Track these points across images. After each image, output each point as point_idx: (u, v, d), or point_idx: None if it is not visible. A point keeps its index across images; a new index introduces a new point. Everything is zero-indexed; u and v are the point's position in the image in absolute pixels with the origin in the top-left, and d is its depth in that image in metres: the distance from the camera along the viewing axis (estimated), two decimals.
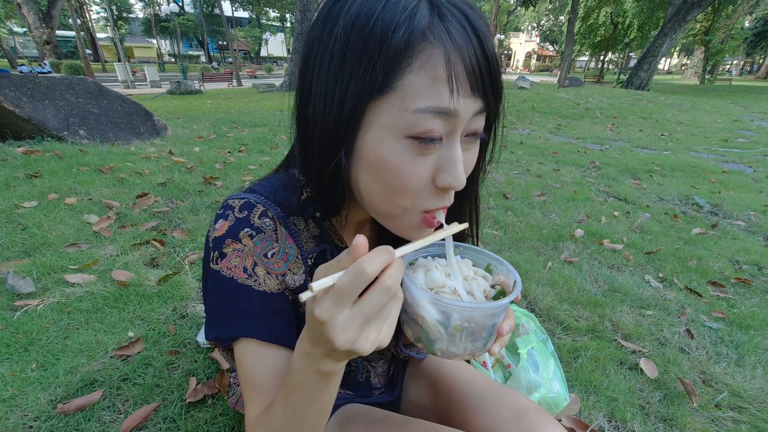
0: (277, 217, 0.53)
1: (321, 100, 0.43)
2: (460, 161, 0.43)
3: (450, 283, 0.45)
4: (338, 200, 0.49)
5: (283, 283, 0.53)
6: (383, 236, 0.66)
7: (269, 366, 0.51)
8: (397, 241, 0.41)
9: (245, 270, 0.50)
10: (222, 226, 0.51)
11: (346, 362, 0.40)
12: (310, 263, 0.56)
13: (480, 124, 0.45)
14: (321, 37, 0.43)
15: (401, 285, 0.45)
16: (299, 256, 0.55)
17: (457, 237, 0.50)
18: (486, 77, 0.41)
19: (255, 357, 0.51)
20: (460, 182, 0.43)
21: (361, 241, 0.33)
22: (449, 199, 0.47)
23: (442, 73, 0.39)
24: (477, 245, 0.57)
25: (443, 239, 0.45)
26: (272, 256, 0.52)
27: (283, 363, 0.51)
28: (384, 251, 0.34)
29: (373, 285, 0.33)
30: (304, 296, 0.33)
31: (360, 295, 0.34)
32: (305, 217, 0.56)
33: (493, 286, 0.49)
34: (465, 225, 0.47)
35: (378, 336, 0.35)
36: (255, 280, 0.51)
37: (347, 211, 0.54)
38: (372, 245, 0.35)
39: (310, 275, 0.56)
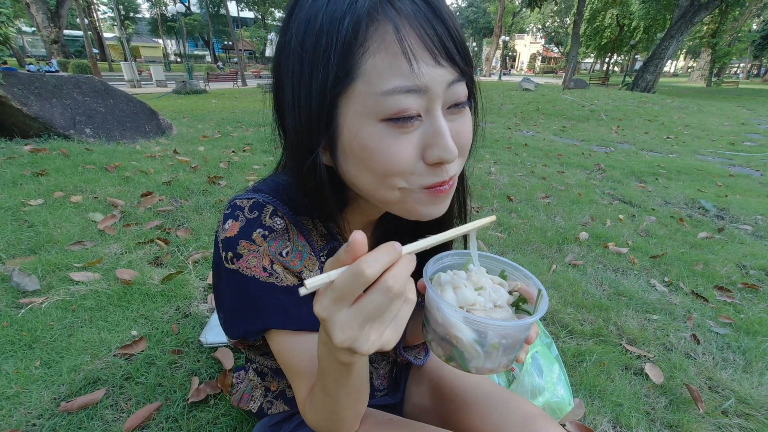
0: (287, 217, 0.53)
1: (290, 104, 0.44)
2: (446, 132, 0.42)
3: (480, 299, 0.44)
4: (329, 203, 0.49)
5: (300, 279, 0.54)
6: (389, 238, 0.65)
7: (307, 351, 0.52)
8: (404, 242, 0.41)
9: (264, 269, 0.51)
10: (233, 227, 0.51)
11: (361, 355, 0.40)
12: (323, 260, 0.57)
13: (460, 93, 0.43)
14: (282, 45, 0.44)
15: (430, 303, 0.44)
16: (312, 253, 0.55)
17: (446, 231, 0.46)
18: (447, 42, 0.40)
19: (291, 345, 0.52)
20: (450, 152, 0.42)
21: (358, 237, 0.31)
22: (446, 174, 0.45)
23: (398, 48, 0.38)
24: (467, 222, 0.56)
25: (445, 240, 0.43)
26: (287, 255, 0.53)
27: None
28: (388, 249, 0.32)
29: (374, 285, 0.32)
30: (301, 291, 0.32)
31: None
32: (312, 217, 0.57)
33: (510, 293, 0.48)
34: (492, 218, 0.45)
35: (380, 337, 0.34)
36: (277, 277, 0.52)
37: (346, 215, 0.54)
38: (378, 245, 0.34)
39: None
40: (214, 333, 1.28)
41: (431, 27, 0.39)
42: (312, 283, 0.32)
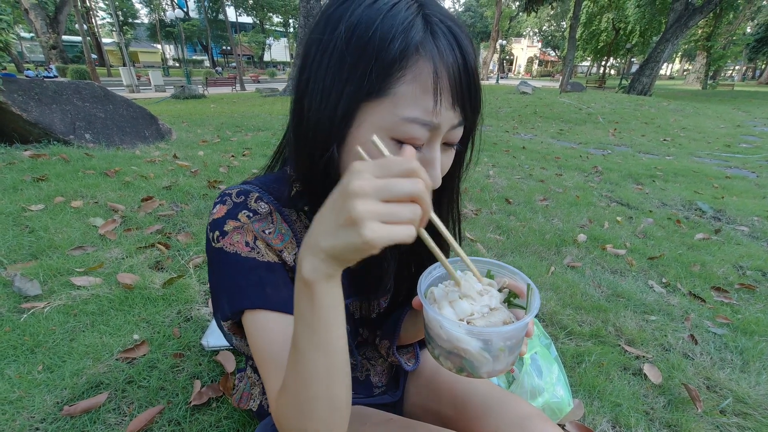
0: (271, 204, 0.56)
1: (318, 97, 0.47)
2: (438, 163, 0.49)
3: (477, 307, 0.46)
4: (328, 192, 0.51)
5: (281, 258, 0.55)
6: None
7: (281, 333, 0.49)
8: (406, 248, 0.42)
9: (247, 244, 0.53)
10: (220, 210, 0.54)
11: (327, 270, 0.36)
12: None
13: (457, 136, 0.50)
14: (321, 39, 0.46)
15: (431, 322, 0.46)
16: (294, 239, 0.57)
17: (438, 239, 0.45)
18: (466, 91, 0.46)
19: (265, 326, 0.51)
20: (436, 181, 0.49)
21: (409, 150, 0.42)
22: None
23: (429, 86, 0.43)
24: (460, 244, 0.58)
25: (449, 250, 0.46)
26: (269, 234, 0.55)
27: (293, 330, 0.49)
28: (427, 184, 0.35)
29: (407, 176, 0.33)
30: (360, 154, 0.39)
31: None
32: (296, 210, 0.59)
33: (499, 290, 0.50)
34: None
35: (371, 217, 0.31)
36: (258, 252, 0.53)
37: None
38: None
39: None
40: (215, 336, 1.29)
41: (460, 77, 0.45)
42: (378, 140, 0.38)
